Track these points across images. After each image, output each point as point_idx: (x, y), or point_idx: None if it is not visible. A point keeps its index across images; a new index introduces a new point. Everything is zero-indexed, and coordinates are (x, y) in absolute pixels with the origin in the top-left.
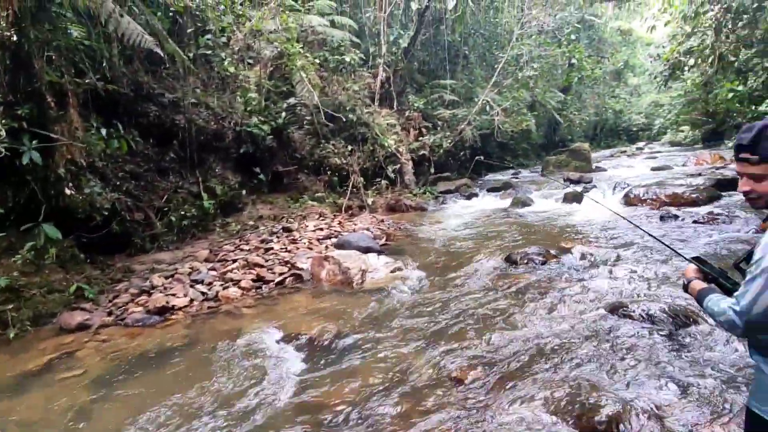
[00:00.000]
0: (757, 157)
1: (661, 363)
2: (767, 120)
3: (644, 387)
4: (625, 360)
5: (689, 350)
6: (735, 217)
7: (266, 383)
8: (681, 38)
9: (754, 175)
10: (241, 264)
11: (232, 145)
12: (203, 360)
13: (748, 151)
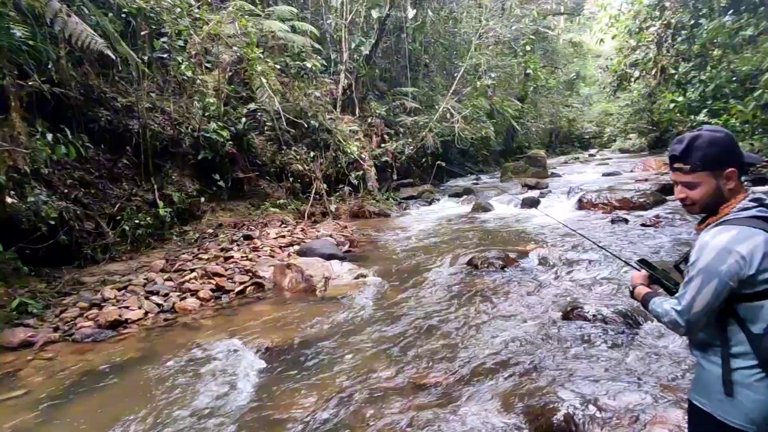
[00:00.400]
0: (689, 167)
1: (613, 361)
2: (696, 132)
3: (598, 385)
4: (580, 360)
5: (639, 348)
6: (678, 220)
7: (224, 396)
8: (627, 51)
9: (687, 183)
10: (200, 274)
11: (190, 151)
12: (158, 375)
13: (680, 161)
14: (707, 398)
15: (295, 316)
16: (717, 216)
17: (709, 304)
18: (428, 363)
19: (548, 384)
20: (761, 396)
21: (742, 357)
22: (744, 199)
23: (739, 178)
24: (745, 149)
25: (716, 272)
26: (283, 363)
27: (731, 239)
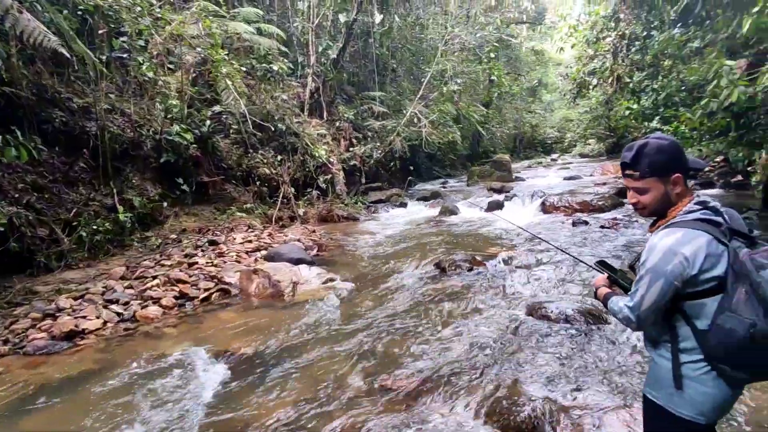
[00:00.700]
0: (639, 173)
1: (576, 359)
2: (644, 140)
3: (561, 383)
4: (544, 359)
5: (600, 345)
6: (633, 222)
7: (186, 406)
8: (585, 60)
9: (638, 188)
10: (162, 280)
11: (152, 154)
12: (117, 386)
13: (631, 168)
14: (659, 392)
15: (262, 323)
16: (665, 219)
17: (656, 302)
18: (396, 366)
19: (513, 383)
20: (708, 388)
21: (690, 352)
22: (690, 203)
23: (685, 182)
24: (693, 154)
25: (662, 272)
26: (248, 370)
27: (676, 241)
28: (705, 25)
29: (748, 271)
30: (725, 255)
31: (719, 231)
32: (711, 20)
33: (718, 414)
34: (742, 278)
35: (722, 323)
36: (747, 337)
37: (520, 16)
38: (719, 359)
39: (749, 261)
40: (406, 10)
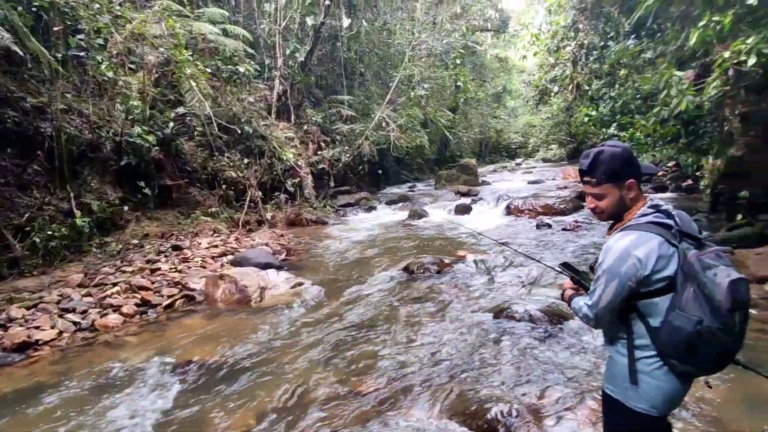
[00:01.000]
0: (595, 180)
1: (540, 357)
2: (600, 148)
3: (525, 381)
4: (510, 358)
5: (562, 345)
6: (594, 225)
7: (149, 418)
8: (547, 68)
9: (595, 194)
10: (123, 288)
11: (112, 156)
12: (73, 398)
13: (588, 175)
14: (616, 386)
15: (228, 329)
16: (621, 222)
17: (612, 301)
18: (365, 370)
19: (480, 383)
20: (660, 382)
21: (644, 348)
22: (644, 206)
23: (639, 187)
24: (648, 160)
25: (617, 273)
26: (214, 378)
27: (630, 244)
28: (656, 37)
29: (696, 271)
30: (675, 256)
31: (670, 233)
32: (662, 33)
33: (669, 406)
34: (691, 278)
35: (672, 320)
36: (694, 333)
37: (485, 24)
38: (669, 354)
39: (697, 262)
40: (373, 15)
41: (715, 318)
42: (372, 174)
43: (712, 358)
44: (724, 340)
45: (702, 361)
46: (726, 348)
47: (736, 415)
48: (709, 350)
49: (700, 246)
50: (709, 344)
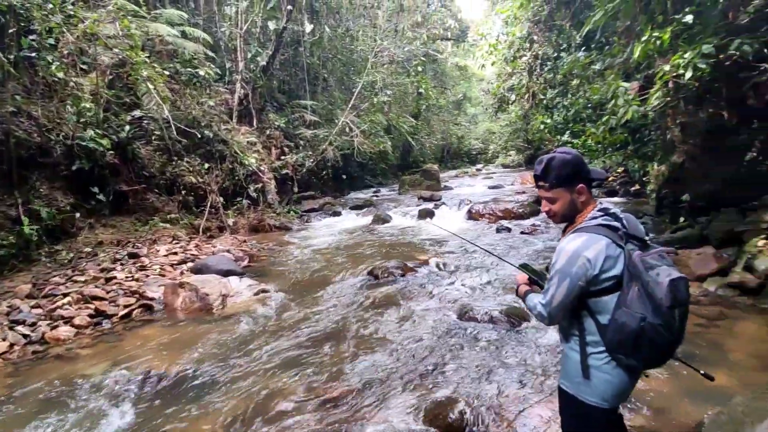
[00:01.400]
0: (548, 185)
1: (501, 357)
2: (552, 154)
3: (488, 380)
4: (473, 358)
5: (522, 343)
6: (551, 228)
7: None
8: (504, 77)
9: (549, 198)
10: (75, 298)
11: (63, 161)
12: (23, 413)
13: (541, 180)
14: (570, 381)
15: (189, 338)
16: (573, 225)
17: (564, 300)
18: (332, 375)
19: (445, 384)
20: (609, 376)
21: (594, 344)
22: (593, 209)
23: (589, 191)
24: (599, 166)
25: (568, 273)
26: (175, 389)
27: (580, 245)
28: (605, 50)
29: (640, 271)
30: (622, 256)
31: (617, 235)
32: (609, 46)
33: (619, 399)
34: (635, 277)
35: (618, 318)
36: (638, 329)
37: (445, 33)
38: (616, 350)
39: (640, 262)
40: (336, 21)
41: (656, 315)
42: (336, 179)
43: (656, 353)
44: (666, 336)
45: (646, 355)
46: (668, 343)
47: (678, 405)
48: (652, 345)
49: (644, 247)
50: (652, 340)
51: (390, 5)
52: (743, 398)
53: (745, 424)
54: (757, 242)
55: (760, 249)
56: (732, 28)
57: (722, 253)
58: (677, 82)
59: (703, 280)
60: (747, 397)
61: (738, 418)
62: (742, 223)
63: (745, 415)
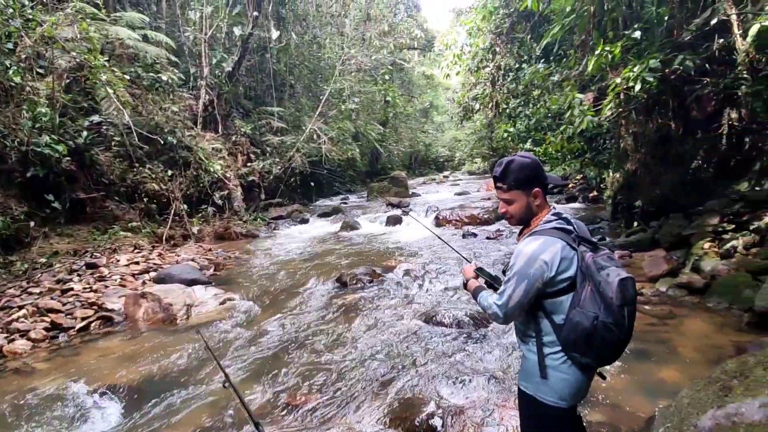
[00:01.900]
0: (506, 186)
1: (467, 360)
2: (511, 158)
3: (455, 383)
4: (440, 361)
5: (486, 347)
6: (515, 233)
7: None
8: (469, 86)
9: (506, 200)
10: (30, 311)
11: (17, 167)
12: None
13: (500, 181)
14: (528, 382)
15: (151, 350)
16: (529, 227)
17: (521, 300)
18: (300, 382)
19: (413, 388)
20: (566, 375)
21: (551, 344)
22: (548, 213)
23: (545, 196)
24: (560, 173)
25: (526, 275)
26: (136, 403)
27: (537, 248)
28: (562, 62)
29: (592, 271)
30: (575, 258)
31: (570, 238)
32: (566, 58)
33: (576, 398)
34: (588, 277)
35: (572, 317)
36: (591, 327)
37: (412, 43)
38: (571, 348)
39: (593, 263)
40: (303, 28)
41: (608, 313)
42: (304, 186)
43: (607, 350)
44: (616, 333)
45: (599, 352)
46: (618, 340)
47: (631, 400)
48: (603, 342)
49: (594, 249)
50: (603, 337)
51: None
52: (689, 391)
53: (691, 415)
54: (703, 245)
55: (706, 251)
56: (676, 44)
57: (672, 255)
58: (628, 94)
59: (655, 281)
60: (692, 389)
61: (684, 410)
62: (689, 227)
63: (691, 406)
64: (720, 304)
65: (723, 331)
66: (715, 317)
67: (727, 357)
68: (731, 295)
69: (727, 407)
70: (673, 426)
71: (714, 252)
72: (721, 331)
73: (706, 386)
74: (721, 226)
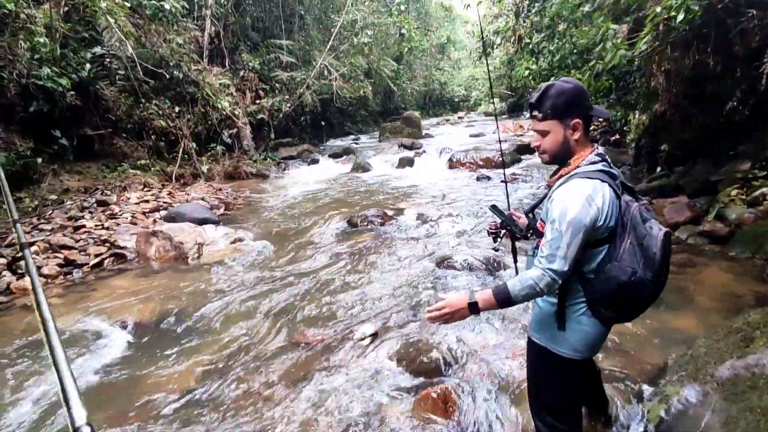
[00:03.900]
0: (541, 115)
1: None
2: (551, 82)
3: (464, 327)
4: None
5: None
6: (530, 176)
7: (82, 383)
8: (490, 18)
9: (540, 131)
10: (42, 247)
11: (18, 101)
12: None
13: (535, 109)
14: (542, 333)
15: (164, 287)
16: (568, 168)
17: (578, 256)
18: (311, 321)
19: (421, 329)
20: (586, 327)
21: (573, 296)
22: (591, 154)
23: (586, 130)
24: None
25: (581, 225)
26: (151, 338)
27: (592, 191)
28: None
29: (637, 222)
30: (617, 207)
31: (616, 184)
32: None
33: (591, 350)
34: (630, 230)
35: (608, 270)
36: (627, 282)
37: None
38: (598, 302)
39: (638, 214)
40: None
41: (647, 269)
42: (315, 126)
43: (635, 307)
44: (651, 290)
45: (627, 308)
46: (650, 297)
47: (644, 347)
48: (636, 299)
49: (636, 199)
50: (637, 294)
51: None
52: (706, 340)
53: (708, 365)
54: (730, 192)
55: (732, 198)
56: None
57: (695, 202)
58: (668, 25)
59: (676, 228)
60: (710, 339)
61: (701, 359)
62: (716, 173)
63: (708, 355)
64: (742, 253)
65: (744, 281)
66: (736, 267)
67: (747, 307)
68: (755, 245)
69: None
70: (689, 374)
71: (741, 199)
72: (741, 280)
73: (725, 336)
74: (752, 173)
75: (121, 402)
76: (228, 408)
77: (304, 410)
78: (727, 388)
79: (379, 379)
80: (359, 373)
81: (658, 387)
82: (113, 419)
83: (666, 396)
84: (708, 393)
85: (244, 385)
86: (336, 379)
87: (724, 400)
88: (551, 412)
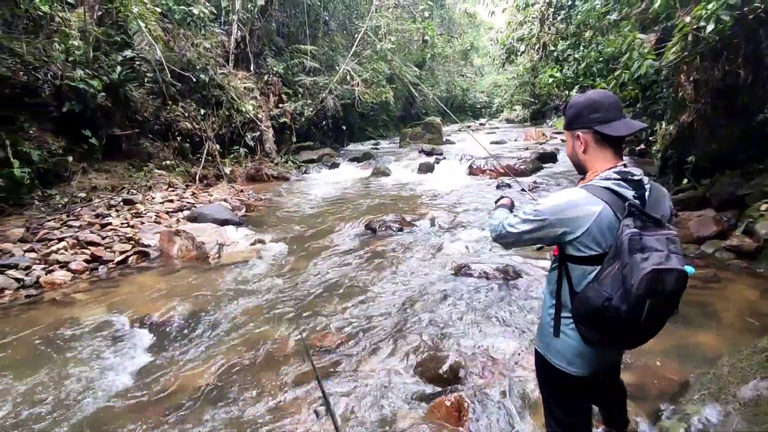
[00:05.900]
0: (564, 124)
1: (494, 312)
2: (580, 94)
3: (481, 335)
4: (467, 313)
5: (515, 299)
6: (551, 185)
7: (104, 375)
8: (515, 26)
9: (565, 140)
10: (71, 243)
11: (51, 101)
12: (17, 358)
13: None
14: (542, 341)
15: (185, 286)
16: (584, 181)
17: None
18: (327, 325)
19: (438, 336)
20: (573, 341)
21: (566, 308)
22: (609, 170)
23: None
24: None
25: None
26: (175, 336)
27: (572, 201)
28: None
29: (623, 251)
30: (614, 230)
31: (620, 205)
32: None
33: (583, 367)
34: (618, 256)
35: (587, 291)
36: (600, 308)
37: None
38: (577, 319)
39: (628, 242)
40: None
41: (623, 300)
42: (336, 130)
43: (617, 336)
44: (625, 323)
45: (608, 334)
46: (630, 330)
47: (666, 363)
48: (612, 326)
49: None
50: (613, 321)
51: None
52: (730, 359)
53: (731, 384)
54: (760, 206)
55: (762, 213)
56: None
57: (723, 215)
58: (697, 36)
59: (702, 243)
60: (734, 358)
61: (724, 378)
62: (745, 186)
63: (731, 375)
64: None
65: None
66: (763, 284)
67: None
68: None
69: None
70: (711, 394)
71: None
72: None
73: (750, 356)
74: None
75: (140, 395)
76: (241, 408)
77: (318, 414)
78: (749, 409)
79: (393, 385)
80: (373, 379)
81: (679, 405)
82: (132, 412)
83: (686, 415)
84: (729, 413)
85: (258, 387)
86: (350, 383)
87: (746, 421)
88: (559, 423)
